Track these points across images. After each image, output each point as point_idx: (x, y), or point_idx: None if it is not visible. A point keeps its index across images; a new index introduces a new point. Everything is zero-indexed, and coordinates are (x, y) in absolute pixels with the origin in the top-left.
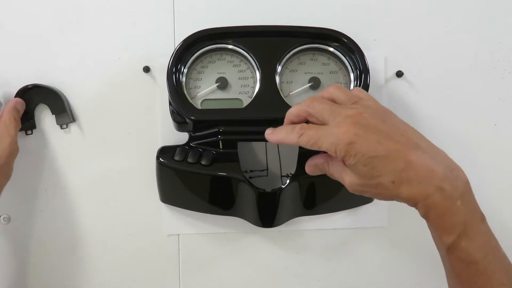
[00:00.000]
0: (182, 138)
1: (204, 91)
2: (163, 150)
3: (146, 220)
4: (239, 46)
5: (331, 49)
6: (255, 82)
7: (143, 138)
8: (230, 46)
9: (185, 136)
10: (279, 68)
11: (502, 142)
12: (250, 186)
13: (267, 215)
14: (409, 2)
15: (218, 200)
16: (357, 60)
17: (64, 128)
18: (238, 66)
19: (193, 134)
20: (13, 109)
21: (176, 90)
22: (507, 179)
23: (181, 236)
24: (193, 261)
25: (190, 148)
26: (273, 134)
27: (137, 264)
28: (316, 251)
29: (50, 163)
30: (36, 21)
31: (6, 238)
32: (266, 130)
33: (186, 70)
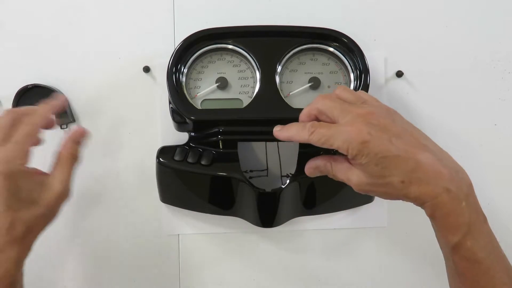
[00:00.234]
0: (182, 138)
1: (204, 91)
2: (163, 150)
3: (146, 220)
4: (239, 46)
5: (331, 49)
6: (255, 82)
7: (143, 138)
8: (230, 46)
9: (185, 136)
10: (279, 68)
11: (502, 142)
12: (250, 186)
13: (267, 215)
14: (409, 2)
15: (218, 200)
16: (357, 60)
17: (64, 128)
18: (238, 66)
19: (193, 134)
20: (73, 143)
21: (176, 90)
22: (507, 179)
23: (181, 236)
24: (193, 261)
25: (190, 148)
26: (282, 131)
27: (137, 264)
28: (316, 251)
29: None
30: (36, 21)
31: None
32: (275, 127)
33: (186, 70)
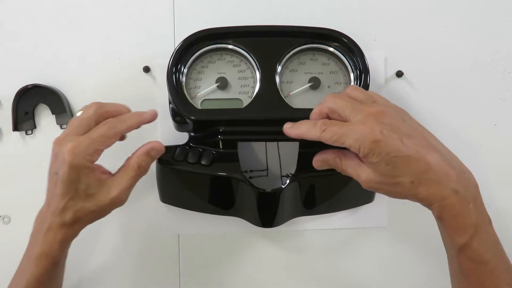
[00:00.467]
0: (182, 138)
1: (204, 91)
2: None
3: (146, 220)
4: (239, 46)
5: (331, 49)
6: (255, 82)
7: (143, 138)
8: (230, 46)
9: (185, 136)
10: (279, 68)
11: (502, 142)
12: (250, 186)
13: (267, 215)
14: (409, 2)
15: (218, 200)
16: (357, 60)
17: (64, 128)
18: (238, 66)
19: (193, 134)
20: (144, 154)
21: (176, 90)
22: (507, 179)
23: (181, 236)
24: (193, 261)
25: (190, 148)
26: (293, 128)
27: (137, 264)
28: (316, 251)
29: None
30: (36, 21)
31: (7, 238)
32: (285, 124)
33: (186, 70)
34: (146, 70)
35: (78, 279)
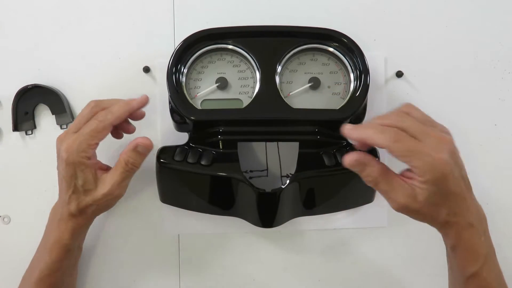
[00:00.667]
0: (182, 138)
1: (204, 91)
2: (163, 150)
3: (146, 220)
4: (239, 46)
5: (331, 49)
6: (255, 82)
7: None
8: (230, 46)
9: (185, 136)
10: (279, 68)
11: (502, 142)
12: (250, 186)
13: (267, 216)
14: (409, 3)
15: (218, 200)
16: (357, 60)
17: (64, 128)
18: (238, 66)
19: (193, 134)
20: (130, 151)
21: (176, 90)
22: (507, 180)
23: (181, 236)
24: (193, 261)
25: (190, 148)
26: (356, 130)
27: (137, 264)
28: (316, 251)
29: (50, 164)
30: (36, 21)
31: (7, 238)
32: (346, 126)
33: (186, 70)
34: (146, 70)
35: (78, 279)
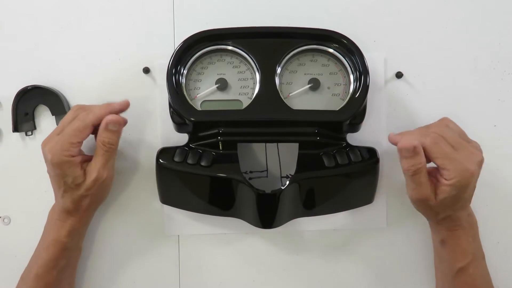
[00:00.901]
0: (182, 139)
1: (204, 92)
2: (163, 151)
3: (146, 220)
4: (239, 47)
5: (331, 50)
6: (255, 83)
7: (143, 139)
8: (230, 47)
9: (184, 137)
10: (279, 69)
11: (502, 142)
12: (250, 187)
13: (267, 216)
14: (409, 3)
15: (218, 201)
16: (356, 61)
17: None
18: (238, 67)
19: (192, 135)
20: (103, 131)
21: (176, 91)
22: (507, 180)
23: (181, 236)
24: (192, 261)
25: (190, 149)
26: (402, 134)
27: (137, 264)
28: (316, 252)
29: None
30: (36, 21)
31: (7, 239)
32: (391, 133)
33: (186, 71)
34: (146, 71)
35: (78, 279)
